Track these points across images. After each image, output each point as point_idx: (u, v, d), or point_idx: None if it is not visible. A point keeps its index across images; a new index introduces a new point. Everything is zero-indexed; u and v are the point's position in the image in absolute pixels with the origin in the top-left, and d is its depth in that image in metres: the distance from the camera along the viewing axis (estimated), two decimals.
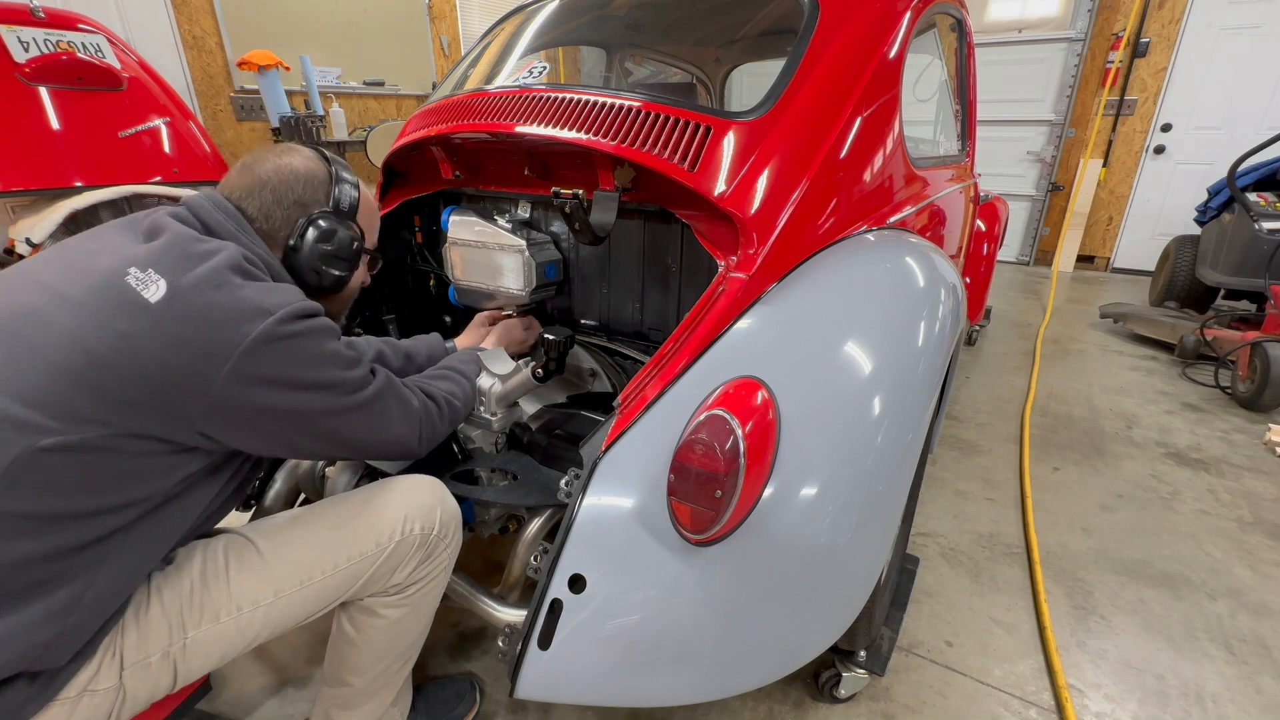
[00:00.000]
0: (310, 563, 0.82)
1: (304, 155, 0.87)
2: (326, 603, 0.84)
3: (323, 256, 0.85)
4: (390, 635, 0.92)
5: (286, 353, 0.70)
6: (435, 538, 0.89)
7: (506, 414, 1.14)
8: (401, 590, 0.90)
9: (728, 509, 0.78)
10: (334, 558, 0.83)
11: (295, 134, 3.41)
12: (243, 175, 0.82)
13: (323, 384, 0.74)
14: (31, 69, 2.19)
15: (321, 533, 0.84)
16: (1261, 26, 3.89)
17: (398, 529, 0.86)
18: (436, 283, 1.63)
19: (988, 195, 2.87)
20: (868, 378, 0.94)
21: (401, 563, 0.87)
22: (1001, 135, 4.74)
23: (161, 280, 0.66)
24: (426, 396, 0.94)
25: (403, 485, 0.91)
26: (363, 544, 0.84)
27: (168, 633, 0.73)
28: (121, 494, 0.66)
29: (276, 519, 0.86)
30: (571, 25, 1.79)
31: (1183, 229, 3.86)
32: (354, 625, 0.91)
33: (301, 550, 0.82)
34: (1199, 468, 2.00)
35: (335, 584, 0.83)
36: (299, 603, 0.81)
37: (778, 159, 1.09)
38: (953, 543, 1.63)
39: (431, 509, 0.89)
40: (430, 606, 0.96)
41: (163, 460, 0.68)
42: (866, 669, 1.16)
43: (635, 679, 0.83)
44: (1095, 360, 2.95)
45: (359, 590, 0.86)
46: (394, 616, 0.91)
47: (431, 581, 0.93)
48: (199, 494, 0.76)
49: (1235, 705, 1.17)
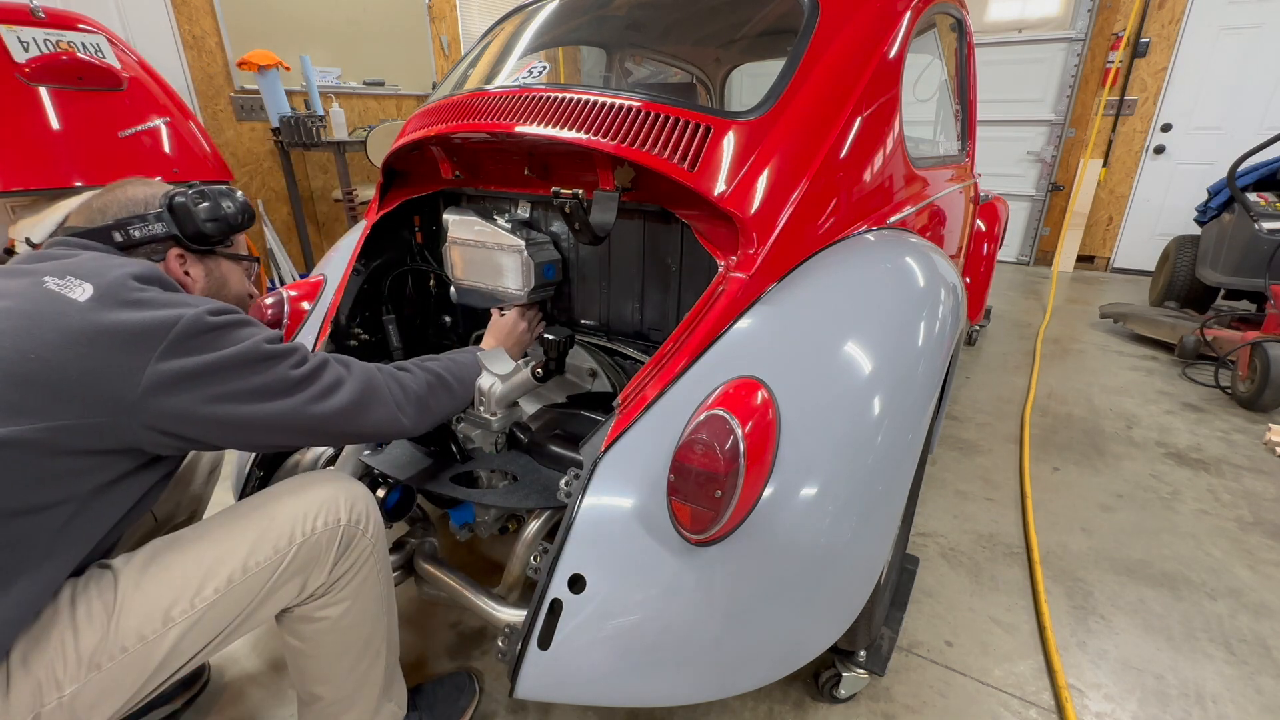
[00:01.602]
0: (200, 581, 0.75)
1: (142, 182, 0.90)
2: (232, 622, 0.77)
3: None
4: (337, 634, 0.88)
5: (215, 338, 0.72)
6: (346, 528, 0.85)
7: (506, 414, 1.14)
8: (330, 588, 0.85)
9: (728, 509, 0.78)
10: (226, 570, 0.76)
11: (295, 134, 3.41)
12: (79, 213, 0.86)
13: (258, 355, 0.75)
14: (31, 69, 2.19)
15: (210, 548, 0.78)
16: (1261, 26, 3.89)
17: (298, 529, 0.81)
18: (436, 283, 1.63)
19: (988, 195, 2.87)
20: (868, 378, 0.94)
21: (316, 562, 0.82)
22: (1001, 135, 4.74)
23: (85, 283, 0.70)
24: (396, 367, 0.94)
25: (298, 484, 0.87)
26: (259, 551, 0.78)
27: (36, 694, 0.65)
28: (37, 495, 0.64)
29: (158, 541, 0.79)
30: (571, 25, 1.79)
31: (1183, 229, 3.85)
32: (296, 635, 0.88)
33: (187, 570, 0.75)
34: (1199, 468, 2.00)
35: (237, 599, 0.77)
36: (199, 628, 0.74)
37: (778, 159, 1.09)
38: (953, 543, 1.63)
39: (332, 501, 0.84)
40: (373, 595, 0.91)
41: (89, 460, 0.68)
42: (866, 669, 1.16)
43: (635, 679, 0.83)
44: (1095, 360, 2.95)
45: (272, 602, 0.80)
46: (334, 615, 0.87)
47: (361, 570, 0.88)
48: (113, 503, 0.73)
49: (1235, 705, 1.17)
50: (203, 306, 0.73)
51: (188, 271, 0.91)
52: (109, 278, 0.71)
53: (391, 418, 0.88)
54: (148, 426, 0.69)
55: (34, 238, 2.14)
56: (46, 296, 0.68)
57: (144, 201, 0.87)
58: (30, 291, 0.68)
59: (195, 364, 0.70)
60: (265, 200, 3.76)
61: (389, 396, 0.88)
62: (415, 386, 0.94)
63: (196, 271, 0.92)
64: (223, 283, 0.96)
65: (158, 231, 0.86)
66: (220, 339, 0.73)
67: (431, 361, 1.03)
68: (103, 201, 0.86)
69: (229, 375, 0.72)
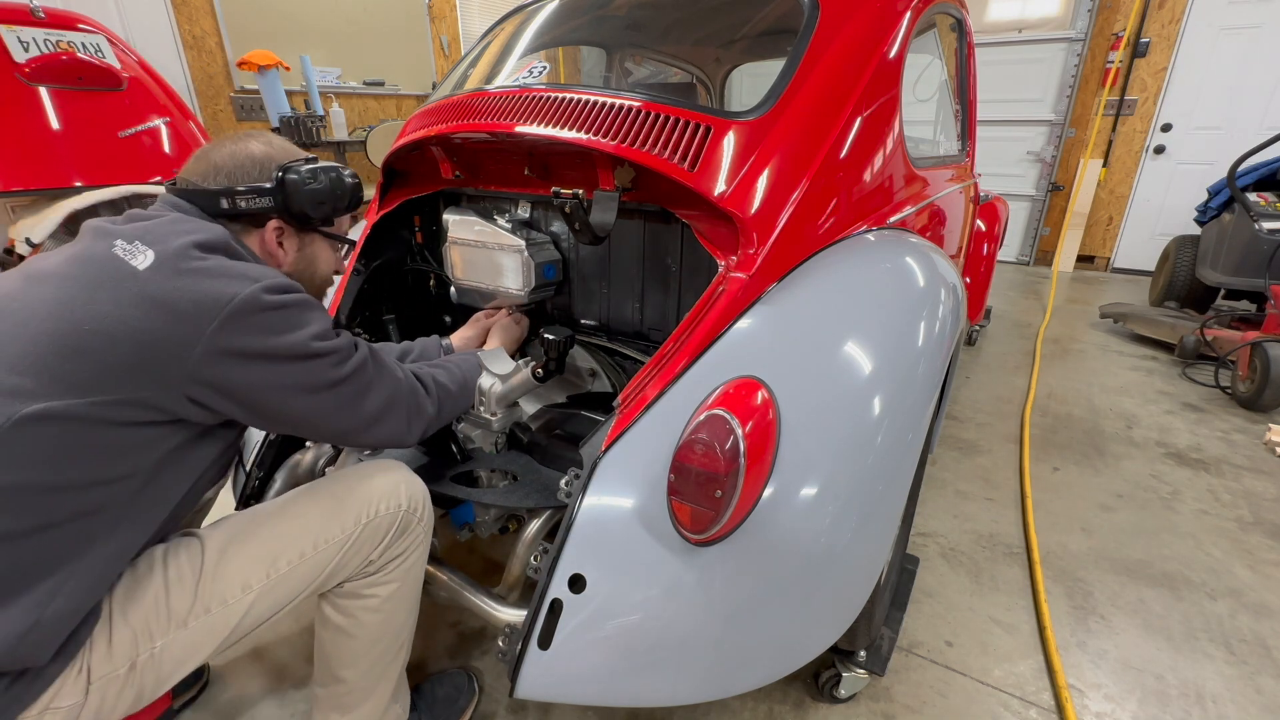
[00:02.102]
0: (275, 555, 0.81)
1: (263, 140, 0.87)
2: (298, 593, 0.83)
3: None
4: (382, 616, 0.92)
5: (269, 321, 0.72)
6: (405, 513, 0.90)
7: (506, 414, 1.14)
8: (382, 568, 0.90)
9: (728, 509, 0.78)
10: (299, 546, 0.82)
11: (295, 134, 3.41)
12: (198, 162, 0.84)
13: (304, 353, 0.75)
14: (31, 69, 2.19)
15: (285, 524, 0.83)
16: (1261, 26, 3.89)
17: (364, 512, 0.86)
18: (436, 283, 1.64)
19: (988, 195, 2.87)
20: (868, 377, 0.94)
21: (375, 542, 0.87)
22: (1001, 135, 4.74)
23: (149, 250, 0.69)
24: (415, 378, 0.94)
25: (365, 469, 0.92)
26: (329, 530, 0.84)
27: (134, 643, 0.72)
28: (106, 468, 0.66)
29: (238, 516, 0.85)
30: (571, 25, 1.79)
31: (1183, 229, 3.85)
32: (342, 612, 0.90)
33: (265, 544, 0.81)
34: (1199, 468, 2.00)
35: (305, 573, 0.83)
36: (269, 596, 0.80)
37: (778, 159, 1.09)
38: (953, 543, 1.63)
39: (395, 487, 0.90)
40: (416, 583, 0.96)
41: (147, 432, 0.69)
42: (866, 669, 1.16)
43: (635, 679, 0.83)
44: (1095, 360, 2.95)
45: (334, 575, 0.86)
46: (383, 594, 0.90)
47: (411, 555, 0.92)
48: (181, 472, 0.75)
49: (1235, 705, 1.17)
50: (261, 282, 0.72)
51: (282, 244, 0.88)
52: (173, 246, 0.70)
53: (398, 435, 0.89)
54: (186, 396, 0.69)
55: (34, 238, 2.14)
56: (111, 263, 0.68)
57: (260, 163, 0.84)
58: (98, 257, 0.68)
59: (244, 345, 0.70)
60: None
61: (404, 413, 0.89)
62: (428, 405, 0.94)
63: (290, 246, 0.89)
64: (312, 261, 0.94)
65: (264, 204, 0.83)
66: (273, 322, 0.72)
67: (440, 370, 1.02)
68: (221, 156, 0.83)
69: (272, 365, 0.73)
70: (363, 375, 0.83)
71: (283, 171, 0.84)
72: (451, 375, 1.03)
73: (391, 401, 0.87)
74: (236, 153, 0.84)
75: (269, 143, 0.87)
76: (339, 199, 0.90)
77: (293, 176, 0.84)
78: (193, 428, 0.74)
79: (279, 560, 0.81)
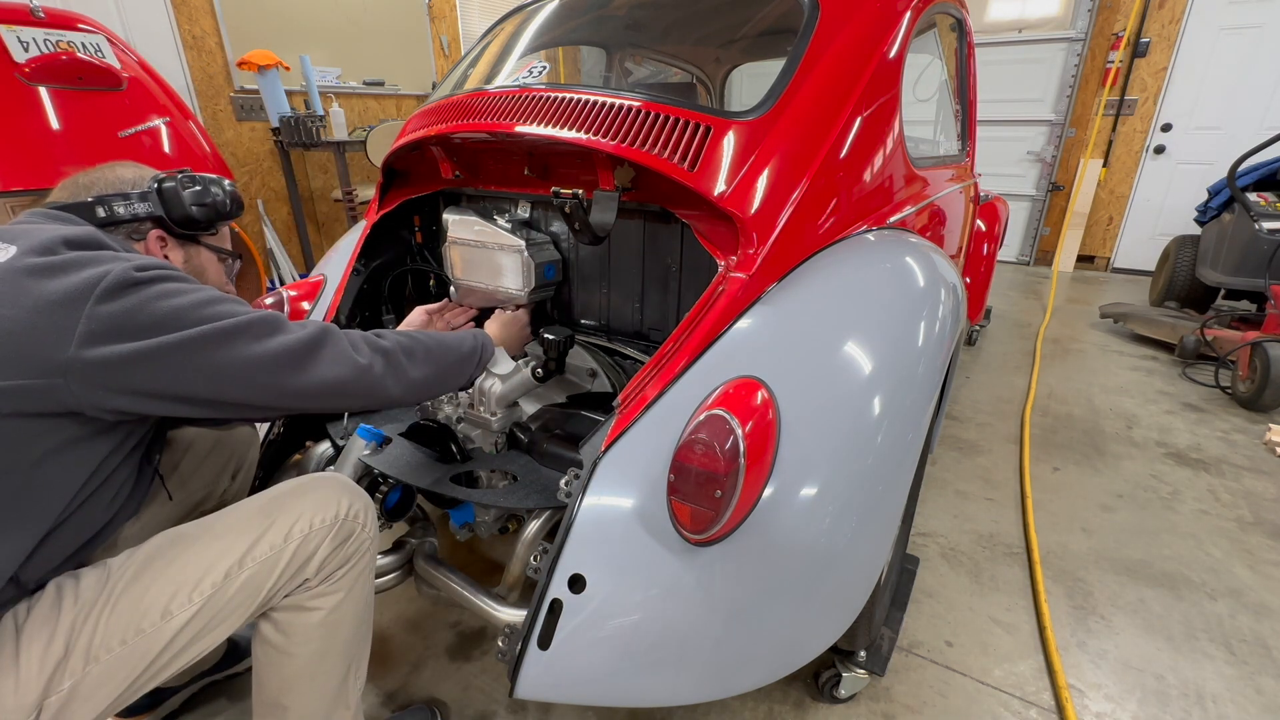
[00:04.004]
0: (198, 577, 0.75)
1: (133, 166, 0.89)
2: (232, 614, 0.77)
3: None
4: (324, 631, 0.84)
5: (144, 296, 0.69)
6: (345, 521, 0.84)
7: (506, 414, 1.14)
8: (326, 578, 0.83)
9: (728, 509, 0.78)
10: (224, 565, 0.76)
11: (295, 134, 3.41)
12: (64, 189, 0.85)
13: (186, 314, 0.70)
14: (31, 69, 2.19)
15: (208, 544, 0.77)
16: (1261, 26, 3.89)
17: (296, 527, 0.80)
18: (436, 283, 1.63)
19: (988, 195, 2.87)
20: (868, 377, 0.94)
21: (309, 554, 0.81)
22: (1001, 135, 4.74)
23: (11, 245, 0.68)
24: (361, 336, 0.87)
25: (300, 483, 0.86)
26: (256, 548, 0.78)
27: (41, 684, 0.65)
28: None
29: (158, 538, 0.78)
30: (571, 25, 1.79)
31: (1183, 229, 3.85)
32: (279, 628, 0.83)
33: (186, 567, 0.75)
34: (1199, 468, 2.00)
35: (235, 593, 0.76)
36: (198, 621, 0.74)
37: (777, 159, 1.09)
38: (953, 543, 1.63)
39: (330, 498, 0.84)
40: (363, 598, 0.88)
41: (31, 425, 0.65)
42: (866, 669, 1.16)
43: (635, 679, 0.82)
44: (1095, 360, 2.95)
45: (272, 593, 0.80)
46: (327, 606, 0.83)
47: (357, 564, 0.86)
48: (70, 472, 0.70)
49: (1235, 705, 1.17)
50: (130, 261, 0.70)
51: (167, 255, 0.89)
52: (37, 239, 0.69)
53: (353, 365, 0.82)
54: (84, 386, 0.65)
55: None
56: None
57: (132, 182, 0.86)
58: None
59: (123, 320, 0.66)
60: (265, 200, 3.76)
61: (346, 345, 0.82)
62: (385, 343, 0.88)
63: (175, 256, 0.90)
64: (200, 273, 0.93)
65: (142, 211, 0.84)
66: (148, 292, 0.69)
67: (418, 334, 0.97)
68: (89, 178, 0.85)
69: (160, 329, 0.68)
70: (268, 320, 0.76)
71: (158, 181, 0.86)
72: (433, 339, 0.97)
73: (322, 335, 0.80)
74: (105, 174, 0.86)
75: (139, 168, 0.89)
76: (219, 204, 0.91)
77: (169, 184, 0.86)
78: (83, 423, 0.69)
79: (203, 582, 0.74)
